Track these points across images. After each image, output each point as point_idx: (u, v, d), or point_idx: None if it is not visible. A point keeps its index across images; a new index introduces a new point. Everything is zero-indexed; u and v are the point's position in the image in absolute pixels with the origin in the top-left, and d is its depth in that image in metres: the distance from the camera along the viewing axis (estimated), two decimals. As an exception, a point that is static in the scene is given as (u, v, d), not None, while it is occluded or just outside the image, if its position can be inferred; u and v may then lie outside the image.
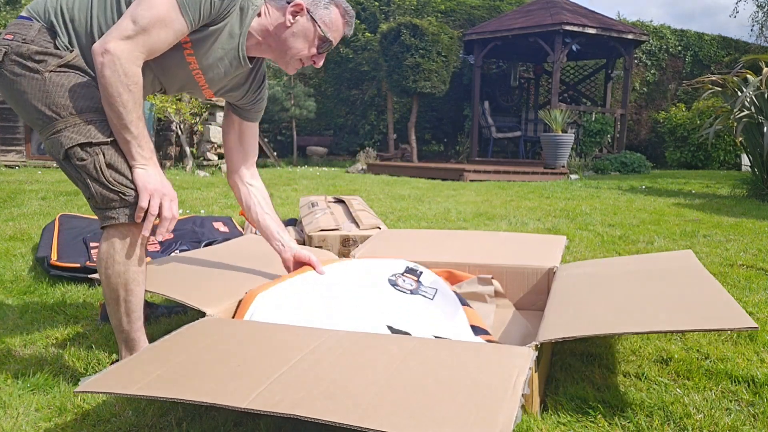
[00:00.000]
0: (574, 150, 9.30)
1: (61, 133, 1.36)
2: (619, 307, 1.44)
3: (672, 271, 1.71)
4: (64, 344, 1.75)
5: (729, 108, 5.55)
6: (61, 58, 1.37)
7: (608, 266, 1.92)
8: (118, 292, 1.42)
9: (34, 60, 1.36)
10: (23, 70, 1.36)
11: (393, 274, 1.87)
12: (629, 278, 1.71)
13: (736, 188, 5.89)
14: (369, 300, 1.72)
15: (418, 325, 1.63)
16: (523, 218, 4.17)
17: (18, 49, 1.35)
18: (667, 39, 12.48)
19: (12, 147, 7.93)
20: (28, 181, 5.85)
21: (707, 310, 1.33)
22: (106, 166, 1.36)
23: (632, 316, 1.36)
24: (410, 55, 9.50)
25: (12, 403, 1.36)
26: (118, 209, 1.37)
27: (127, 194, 1.37)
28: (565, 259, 2.81)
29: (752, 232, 3.61)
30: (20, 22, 1.40)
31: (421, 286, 1.85)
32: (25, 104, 1.38)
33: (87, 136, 1.35)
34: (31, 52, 1.35)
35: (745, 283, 2.40)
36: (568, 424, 1.28)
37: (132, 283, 1.42)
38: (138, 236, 1.41)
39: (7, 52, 1.36)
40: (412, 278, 1.87)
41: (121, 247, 1.39)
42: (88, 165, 1.36)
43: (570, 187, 6.50)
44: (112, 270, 1.40)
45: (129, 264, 1.41)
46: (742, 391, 1.43)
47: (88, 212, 3.91)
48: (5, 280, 2.42)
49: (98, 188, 1.36)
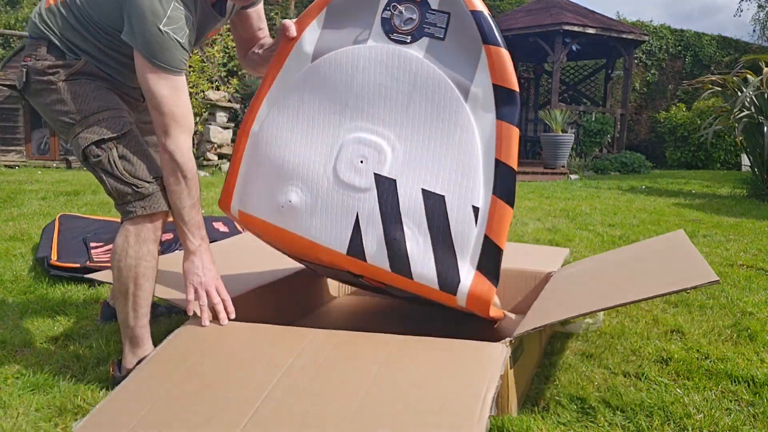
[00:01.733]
0: (574, 150, 9.29)
1: (78, 135, 1.45)
2: (594, 290, 1.46)
3: (658, 251, 1.71)
4: (64, 344, 1.75)
5: (729, 108, 5.55)
6: (71, 67, 1.45)
7: (601, 260, 1.93)
8: (127, 286, 1.45)
9: (48, 73, 1.45)
10: (42, 85, 1.46)
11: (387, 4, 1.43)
12: (617, 266, 1.72)
13: (736, 188, 5.89)
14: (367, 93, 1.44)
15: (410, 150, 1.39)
16: (523, 218, 4.17)
17: (34, 66, 1.46)
18: (667, 39, 12.47)
19: (12, 147, 7.93)
20: (28, 181, 5.85)
21: (674, 276, 1.34)
22: (119, 158, 1.44)
23: (604, 296, 1.37)
24: (410, 55, 9.49)
25: (12, 403, 1.36)
26: (133, 203, 1.44)
27: (140, 186, 1.43)
28: (565, 259, 2.81)
29: (752, 232, 3.61)
30: (31, 42, 1.48)
31: (426, 14, 1.39)
32: (50, 114, 1.48)
33: (99, 134, 1.44)
34: (44, 67, 1.45)
35: (745, 283, 2.40)
36: (568, 424, 1.28)
37: (141, 278, 1.45)
38: (152, 232, 1.46)
39: (28, 71, 1.47)
40: (411, 5, 1.41)
41: (135, 242, 1.44)
42: (102, 160, 1.44)
43: (570, 187, 6.50)
44: (124, 263, 1.44)
45: (140, 259, 1.44)
46: (742, 391, 1.43)
47: (88, 212, 3.91)
48: (5, 280, 2.42)
49: (113, 182, 1.44)
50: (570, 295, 1.51)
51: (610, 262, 1.81)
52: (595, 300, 1.39)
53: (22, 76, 1.47)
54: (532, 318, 1.41)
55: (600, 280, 1.60)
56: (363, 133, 1.43)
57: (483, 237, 1.35)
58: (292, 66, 1.50)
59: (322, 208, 1.44)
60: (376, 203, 1.40)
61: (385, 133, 1.41)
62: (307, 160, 1.46)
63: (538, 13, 9.66)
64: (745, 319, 1.95)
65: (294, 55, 1.50)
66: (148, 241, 1.45)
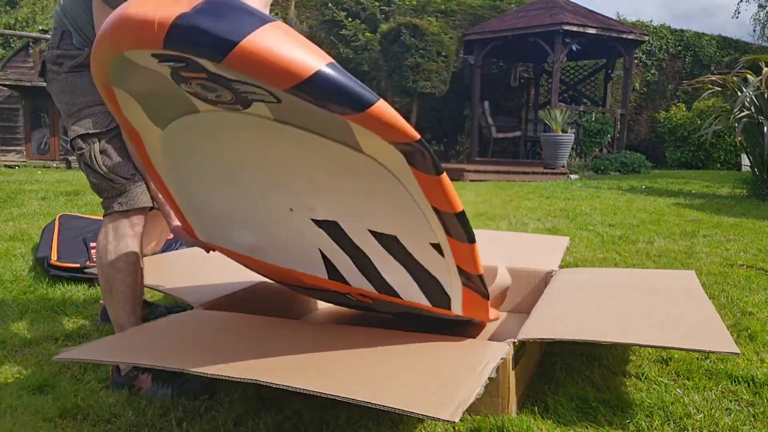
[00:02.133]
0: (574, 150, 9.29)
1: (71, 127, 1.47)
2: (605, 316, 1.43)
3: (669, 289, 1.69)
4: (64, 344, 1.75)
5: (729, 108, 5.55)
6: (74, 58, 1.47)
7: (604, 275, 1.91)
8: (111, 283, 1.46)
9: (57, 63, 1.48)
10: (53, 74, 1.50)
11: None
12: (623, 289, 1.70)
13: (736, 188, 5.89)
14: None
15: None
16: (523, 218, 4.17)
17: (49, 55, 1.49)
18: (667, 39, 12.47)
19: (12, 147, 7.93)
20: (28, 181, 5.85)
21: (692, 330, 1.31)
22: (100, 153, 1.45)
23: (617, 326, 1.35)
24: (410, 55, 9.49)
25: (12, 403, 1.36)
26: (111, 198, 1.46)
27: (116, 182, 1.45)
28: (565, 260, 2.81)
29: (752, 232, 3.61)
30: (53, 33, 1.52)
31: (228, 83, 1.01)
32: (59, 103, 1.51)
33: (85, 128, 1.45)
34: (54, 56, 1.48)
35: (745, 283, 2.40)
36: (568, 424, 1.28)
37: (123, 272, 1.46)
38: (129, 227, 1.46)
39: (45, 60, 1.51)
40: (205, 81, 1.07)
41: (113, 238, 1.45)
42: (85, 153, 1.45)
43: (570, 187, 6.50)
44: (105, 260, 1.46)
45: (120, 255, 1.45)
46: (742, 391, 1.43)
47: (88, 212, 3.91)
48: (5, 280, 2.42)
49: (93, 177, 1.47)
50: (580, 313, 1.48)
51: (618, 285, 1.76)
52: (607, 330, 1.34)
53: (40, 64, 1.53)
54: (536, 325, 1.39)
55: (611, 303, 1.55)
56: (274, 192, 1.23)
57: (456, 267, 1.19)
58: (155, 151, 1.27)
59: (282, 245, 1.33)
60: (330, 240, 1.25)
61: (297, 190, 1.20)
62: (241, 208, 1.30)
63: (538, 13, 9.66)
64: (745, 319, 1.95)
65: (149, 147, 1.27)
66: (126, 237, 1.46)
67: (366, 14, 11.69)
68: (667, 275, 1.91)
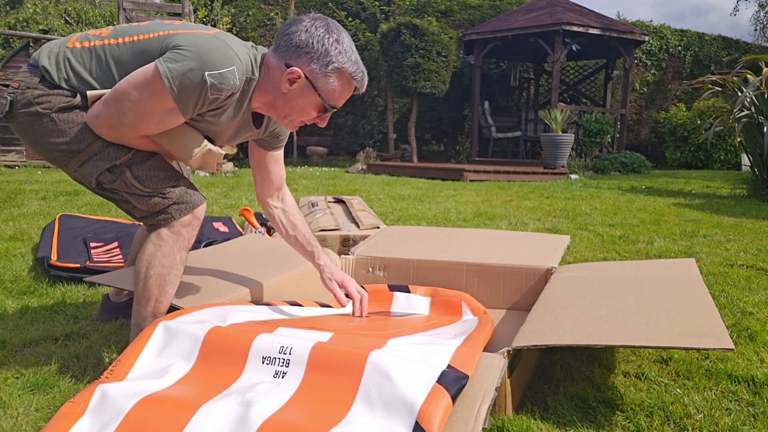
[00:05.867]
0: (574, 150, 9.29)
1: (87, 163, 1.41)
2: (602, 316, 1.42)
3: (667, 281, 1.68)
4: (64, 344, 1.75)
5: (729, 108, 5.55)
6: (65, 98, 1.38)
7: (604, 271, 1.90)
8: (152, 293, 1.45)
9: (37, 104, 1.37)
10: (32, 116, 1.38)
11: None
12: (621, 285, 1.69)
13: (736, 188, 5.89)
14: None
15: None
16: (523, 218, 4.17)
17: (22, 95, 1.37)
18: (668, 39, 12.47)
19: (12, 147, 7.93)
20: (28, 181, 5.85)
21: (688, 326, 1.30)
22: (135, 179, 1.42)
23: (612, 327, 1.34)
24: (410, 55, 9.50)
25: (12, 403, 1.36)
26: (167, 208, 1.44)
27: (166, 192, 1.43)
28: (565, 260, 2.81)
29: (752, 232, 3.61)
30: (26, 70, 1.42)
31: None
32: (45, 145, 1.41)
33: (111, 160, 1.41)
34: (33, 97, 1.37)
35: (745, 283, 2.40)
36: (568, 424, 1.28)
37: (168, 285, 1.46)
38: (185, 240, 1.46)
39: (14, 101, 1.39)
40: None
41: (169, 251, 1.44)
42: (119, 185, 1.42)
43: (570, 187, 6.50)
44: (154, 271, 1.44)
45: (171, 267, 1.45)
46: (742, 391, 1.43)
47: (88, 212, 3.91)
48: (5, 280, 2.42)
49: (138, 200, 1.44)
50: (576, 314, 1.47)
51: (616, 280, 1.76)
52: (605, 331, 1.33)
53: (6, 105, 1.38)
54: (532, 330, 1.38)
55: (607, 301, 1.55)
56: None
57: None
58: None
59: None
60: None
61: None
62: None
63: (538, 13, 9.66)
64: (745, 319, 1.95)
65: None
66: (182, 250, 1.46)
67: (366, 14, 11.69)
68: (664, 265, 1.91)
